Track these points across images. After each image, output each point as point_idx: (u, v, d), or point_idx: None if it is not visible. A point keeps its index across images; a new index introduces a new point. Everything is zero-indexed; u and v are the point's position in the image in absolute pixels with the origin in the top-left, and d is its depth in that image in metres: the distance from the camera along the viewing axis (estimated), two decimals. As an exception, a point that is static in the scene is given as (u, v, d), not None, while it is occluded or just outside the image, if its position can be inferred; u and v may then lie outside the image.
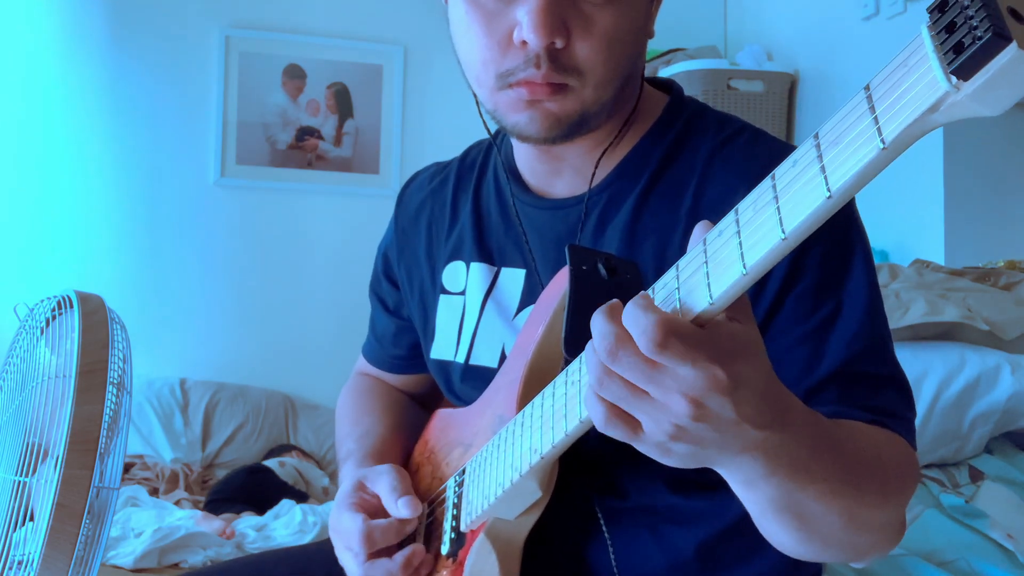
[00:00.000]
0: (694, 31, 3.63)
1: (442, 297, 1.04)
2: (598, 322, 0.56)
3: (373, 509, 0.92)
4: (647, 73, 0.98)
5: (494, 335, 0.98)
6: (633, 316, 0.54)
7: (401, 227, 1.12)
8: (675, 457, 0.60)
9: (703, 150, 0.90)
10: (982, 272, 2.20)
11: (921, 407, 1.76)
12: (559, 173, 0.95)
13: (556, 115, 0.85)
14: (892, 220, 2.74)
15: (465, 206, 1.04)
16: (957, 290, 2.02)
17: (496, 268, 1.00)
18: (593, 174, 0.92)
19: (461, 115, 0.92)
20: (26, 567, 1.10)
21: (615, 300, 0.58)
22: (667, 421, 0.57)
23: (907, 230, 2.75)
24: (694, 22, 3.69)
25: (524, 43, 0.81)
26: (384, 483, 0.92)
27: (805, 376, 0.80)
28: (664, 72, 3.23)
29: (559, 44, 0.81)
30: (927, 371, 1.79)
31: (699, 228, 0.58)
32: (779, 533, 0.71)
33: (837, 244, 0.83)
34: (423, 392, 1.19)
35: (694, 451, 0.59)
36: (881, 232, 2.74)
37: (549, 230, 0.95)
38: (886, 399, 0.81)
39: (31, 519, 1.14)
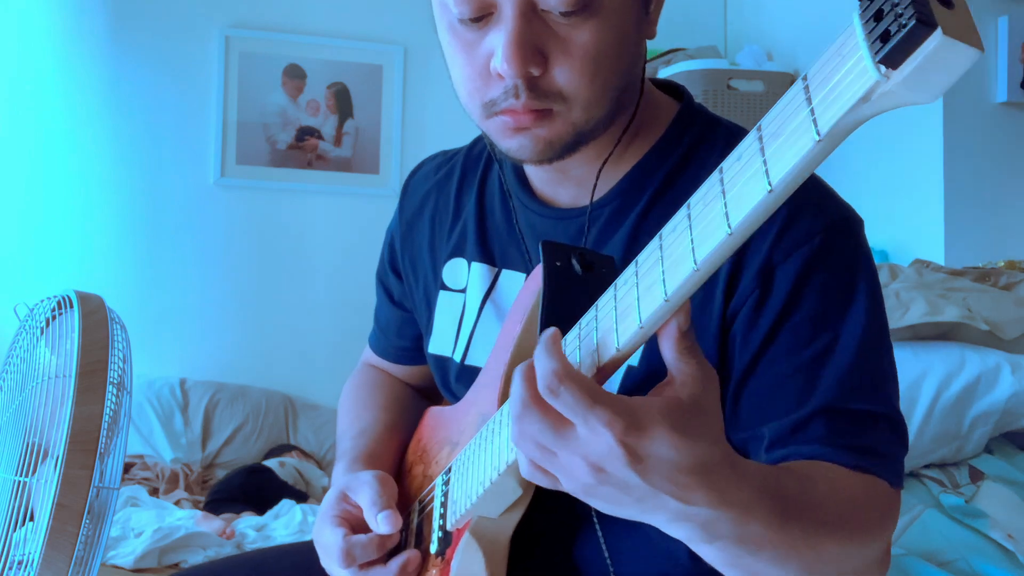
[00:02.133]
0: (694, 31, 3.63)
1: (442, 293, 1.03)
2: (515, 383, 0.58)
3: (356, 521, 0.90)
4: (648, 73, 0.96)
5: (491, 337, 0.97)
6: (538, 358, 0.57)
7: (406, 217, 1.11)
8: (600, 507, 0.60)
9: (709, 168, 0.88)
10: (982, 272, 2.21)
11: (921, 407, 1.76)
12: (563, 181, 0.94)
13: (547, 139, 0.83)
14: (892, 220, 2.74)
15: (469, 202, 1.03)
16: (957, 290, 2.02)
17: (497, 269, 0.99)
18: (594, 187, 0.91)
19: (461, 115, 0.91)
20: (26, 567, 1.10)
21: (535, 356, 0.59)
22: (576, 480, 0.58)
23: (907, 230, 2.75)
24: (694, 22, 3.69)
25: (501, 75, 0.80)
26: (365, 495, 0.90)
27: (795, 409, 0.79)
28: (664, 72, 3.23)
29: (535, 72, 0.79)
30: (927, 371, 1.79)
31: None
32: None
33: (840, 276, 0.82)
34: (428, 384, 1.17)
35: (614, 508, 0.60)
36: (881, 232, 2.74)
37: (550, 237, 0.94)
38: (874, 437, 0.79)
39: (31, 519, 1.14)
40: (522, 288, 0.87)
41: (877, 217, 2.67)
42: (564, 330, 0.65)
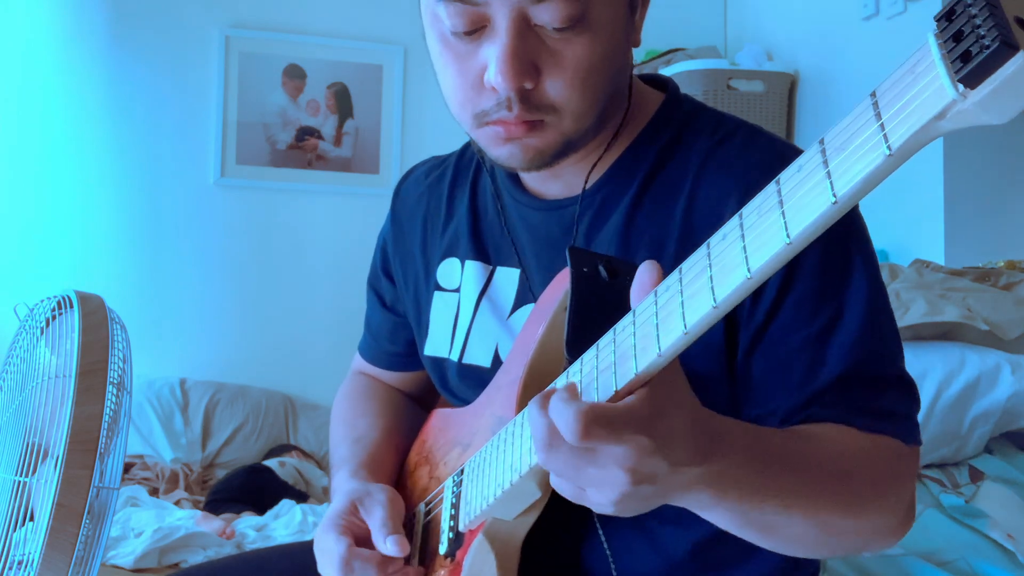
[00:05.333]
0: (694, 31, 3.63)
1: (436, 294, 1.03)
2: (532, 415, 0.61)
3: (361, 535, 0.90)
4: (647, 71, 0.97)
5: (488, 334, 0.98)
6: (556, 410, 0.58)
7: (398, 221, 1.12)
8: (629, 512, 0.64)
9: (697, 151, 0.90)
10: (982, 272, 2.21)
11: (921, 407, 1.76)
12: (554, 176, 0.95)
13: (537, 148, 0.85)
14: (892, 220, 2.73)
15: (461, 203, 1.04)
16: (957, 290, 2.02)
17: (492, 267, 0.99)
18: (586, 181, 0.92)
19: (461, 115, 0.92)
20: (26, 567, 1.10)
21: (550, 387, 0.63)
22: (609, 491, 0.61)
23: (907, 230, 2.75)
24: (694, 22, 3.69)
25: (495, 88, 0.81)
26: (376, 515, 0.90)
27: (807, 383, 0.80)
28: (664, 72, 3.23)
29: (529, 86, 0.81)
30: (927, 371, 1.80)
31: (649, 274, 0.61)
32: (753, 540, 0.74)
33: (836, 248, 0.83)
34: (420, 391, 1.18)
35: (640, 506, 0.63)
36: (881, 232, 2.74)
37: (543, 231, 0.95)
38: (888, 400, 0.81)
39: (31, 519, 1.14)
40: (545, 291, 0.87)
41: (877, 217, 2.67)
42: (594, 336, 0.66)
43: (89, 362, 1.11)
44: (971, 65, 0.40)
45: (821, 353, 0.81)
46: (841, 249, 0.83)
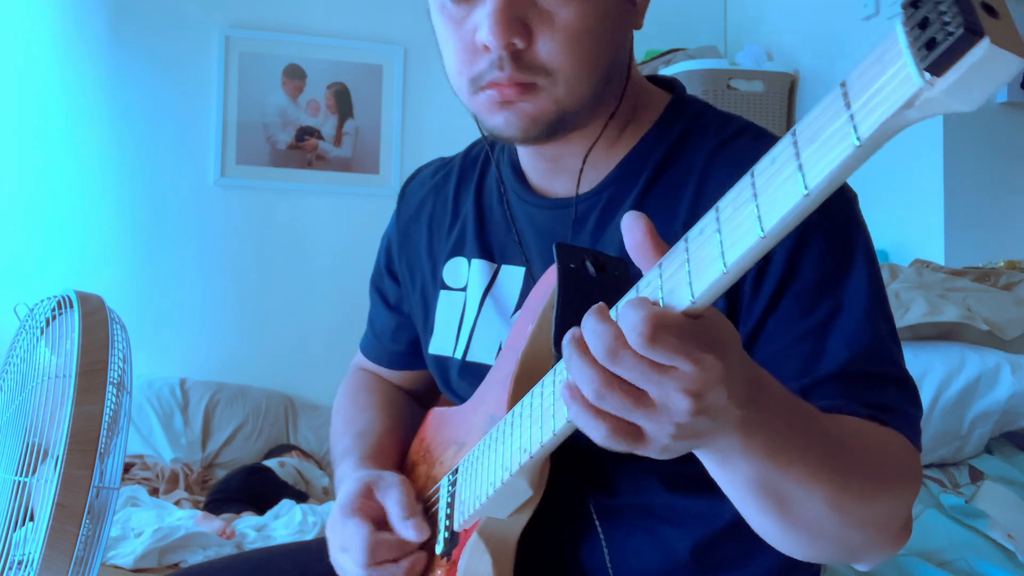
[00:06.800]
0: (694, 31, 3.63)
1: (443, 293, 1.04)
2: (590, 323, 0.55)
3: (378, 518, 0.91)
4: (647, 72, 0.97)
5: (492, 332, 0.98)
6: (623, 314, 0.54)
7: (403, 223, 1.12)
8: (671, 453, 0.60)
9: (703, 150, 0.90)
10: (982, 272, 2.21)
11: (922, 408, 1.76)
12: (558, 173, 0.95)
13: (531, 115, 0.85)
14: (892, 220, 2.73)
15: (467, 202, 1.05)
16: (957, 290, 2.02)
17: (496, 265, 1.00)
18: (580, 172, 0.93)
19: (461, 115, 0.92)
20: (26, 567, 1.10)
21: (602, 303, 0.58)
22: (669, 422, 0.56)
23: (907, 230, 2.75)
24: (694, 22, 3.69)
25: (487, 47, 0.82)
26: (393, 498, 0.90)
27: (804, 375, 0.80)
28: (664, 72, 3.23)
29: (520, 44, 0.82)
30: (927, 371, 1.79)
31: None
32: (763, 520, 0.70)
33: (837, 242, 0.83)
34: (421, 389, 1.18)
35: (690, 444, 0.60)
36: (881, 232, 2.73)
37: (548, 229, 0.95)
38: (886, 396, 0.80)
39: (31, 519, 1.14)
40: (534, 288, 0.87)
41: (877, 217, 2.67)
42: None
43: (89, 362, 1.11)
44: (936, 53, 0.40)
45: (821, 344, 0.80)
46: (843, 242, 0.83)
